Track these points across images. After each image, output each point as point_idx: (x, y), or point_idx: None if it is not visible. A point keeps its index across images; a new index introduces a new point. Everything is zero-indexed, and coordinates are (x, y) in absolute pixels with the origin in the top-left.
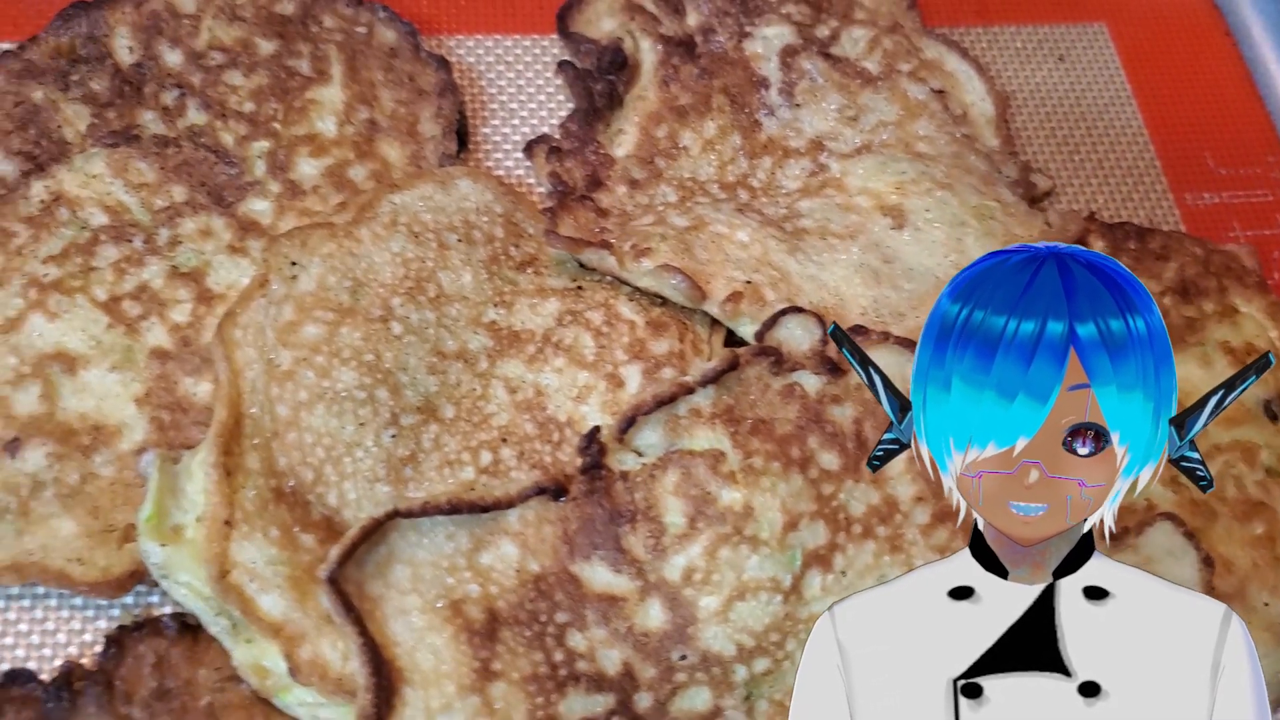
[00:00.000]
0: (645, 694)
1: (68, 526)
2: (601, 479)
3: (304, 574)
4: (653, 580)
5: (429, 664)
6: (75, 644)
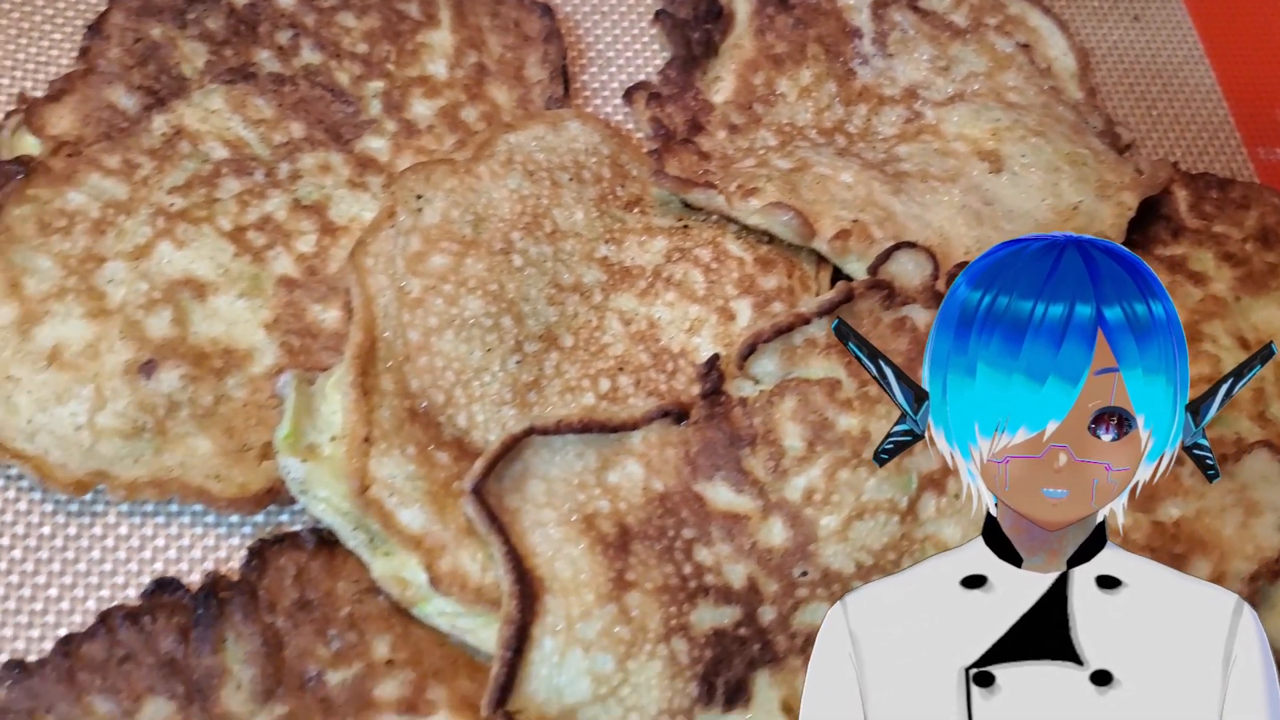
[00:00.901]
0: (769, 608)
1: (204, 445)
2: (721, 404)
3: (441, 489)
4: (774, 500)
5: (568, 574)
6: (210, 560)
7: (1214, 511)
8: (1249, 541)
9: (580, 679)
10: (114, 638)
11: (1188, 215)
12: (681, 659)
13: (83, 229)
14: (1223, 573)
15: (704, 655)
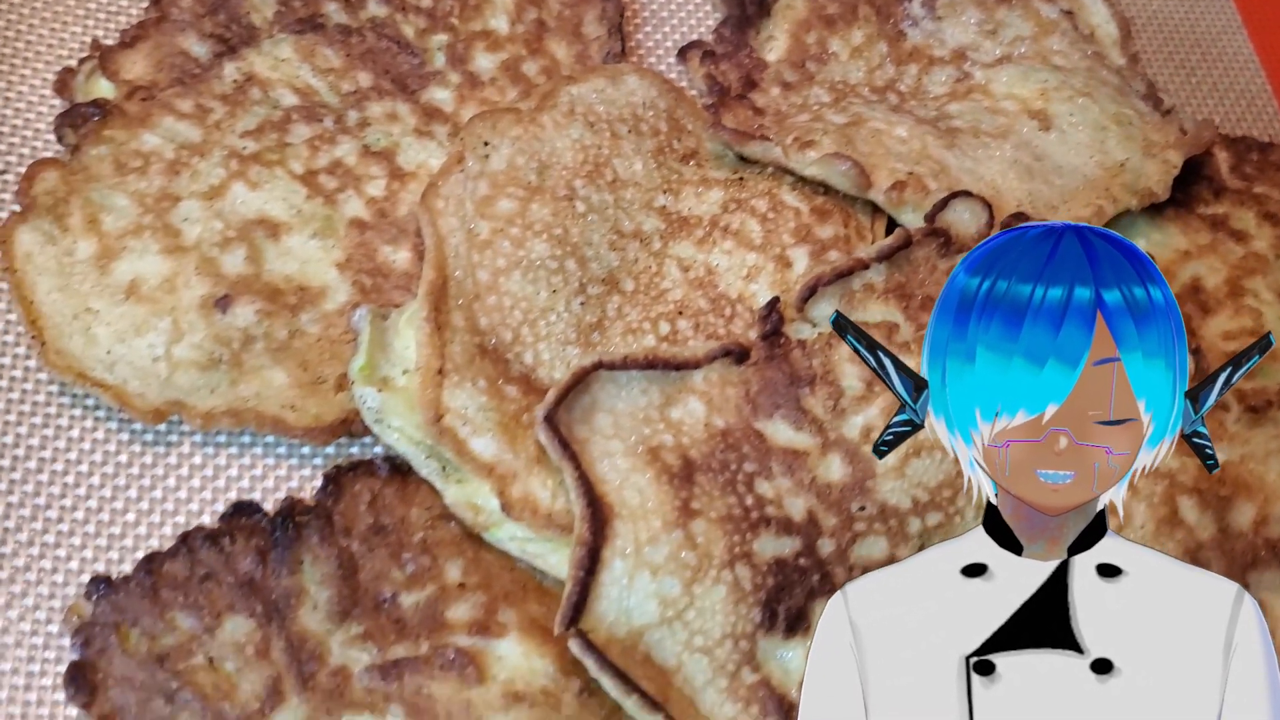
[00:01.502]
0: (828, 540)
1: (279, 377)
2: (781, 346)
3: (511, 420)
4: (833, 438)
5: (635, 501)
6: (283, 490)
7: (1258, 456)
8: None
9: (648, 601)
10: (195, 557)
11: (1229, 176)
12: (745, 585)
13: (158, 169)
14: (1266, 516)
15: (766, 583)
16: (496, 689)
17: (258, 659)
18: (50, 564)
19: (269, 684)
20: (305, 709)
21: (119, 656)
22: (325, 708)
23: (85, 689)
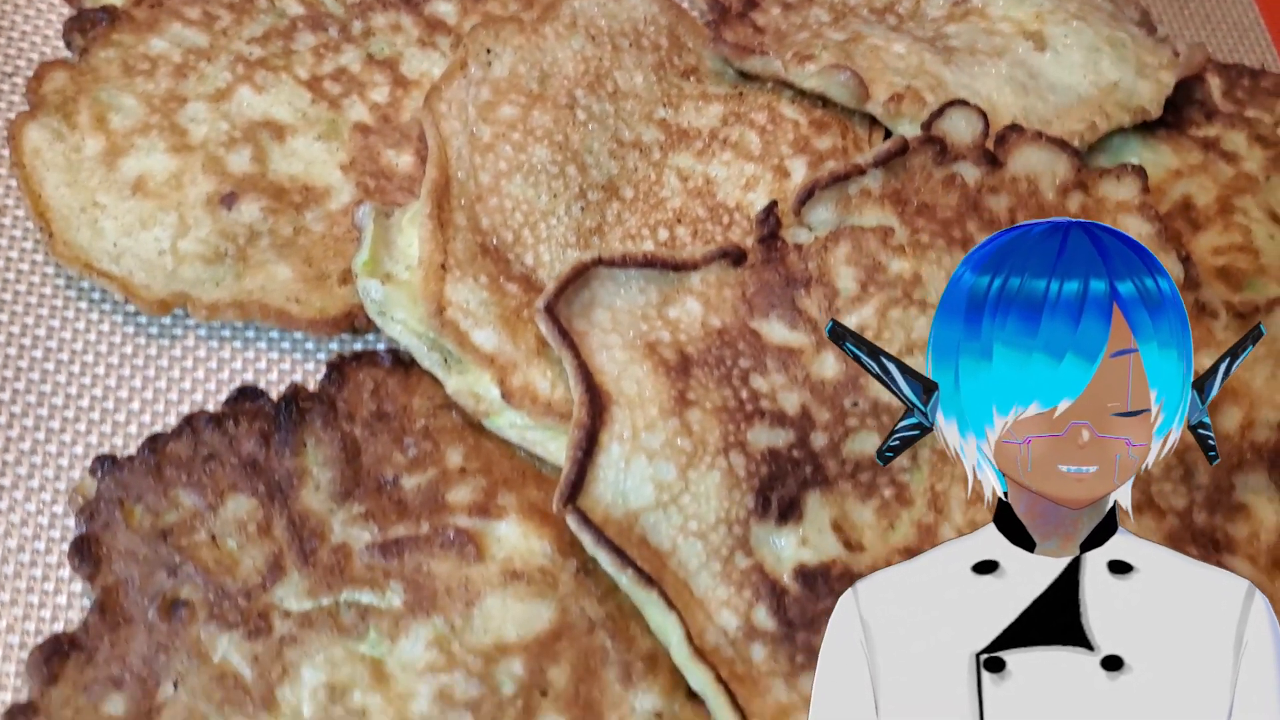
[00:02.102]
0: (821, 434)
1: (284, 271)
2: (777, 249)
3: (512, 314)
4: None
5: (633, 390)
6: (286, 382)
7: (1246, 364)
8: (1278, 391)
9: (644, 485)
10: (198, 438)
11: (1221, 101)
12: (739, 472)
13: (165, 72)
14: (1253, 420)
15: (760, 471)
16: (495, 567)
17: (259, 536)
18: (55, 448)
19: (270, 559)
20: (306, 583)
21: (123, 531)
22: (326, 583)
23: (89, 561)
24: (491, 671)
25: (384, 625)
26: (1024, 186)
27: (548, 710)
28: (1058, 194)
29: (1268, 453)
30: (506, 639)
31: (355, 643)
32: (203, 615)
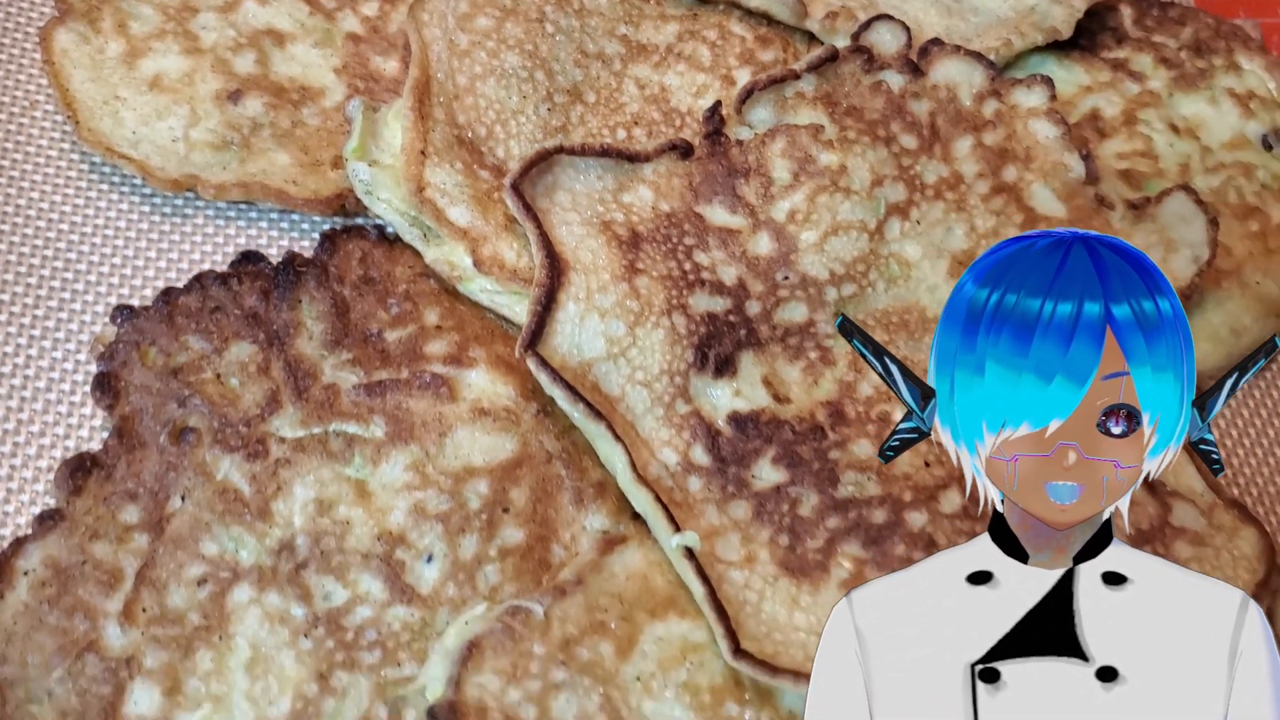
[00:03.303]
0: (755, 302)
1: (283, 158)
2: (721, 144)
3: (484, 195)
4: (762, 219)
5: (588, 258)
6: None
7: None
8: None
9: (596, 339)
10: (206, 293)
11: (1131, 28)
12: (680, 331)
13: None
14: None
15: (699, 330)
16: (465, 406)
17: (259, 375)
18: (80, 305)
19: (268, 395)
20: (299, 415)
21: (139, 369)
22: (317, 415)
23: (109, 394)
24: (460, 490)
25: (367, 452)
26: (943, 94)
27: (508, 524)
28: (974, 101)
29: None
30: (474, 464)
31: (342, 466)
32: (208, 440)
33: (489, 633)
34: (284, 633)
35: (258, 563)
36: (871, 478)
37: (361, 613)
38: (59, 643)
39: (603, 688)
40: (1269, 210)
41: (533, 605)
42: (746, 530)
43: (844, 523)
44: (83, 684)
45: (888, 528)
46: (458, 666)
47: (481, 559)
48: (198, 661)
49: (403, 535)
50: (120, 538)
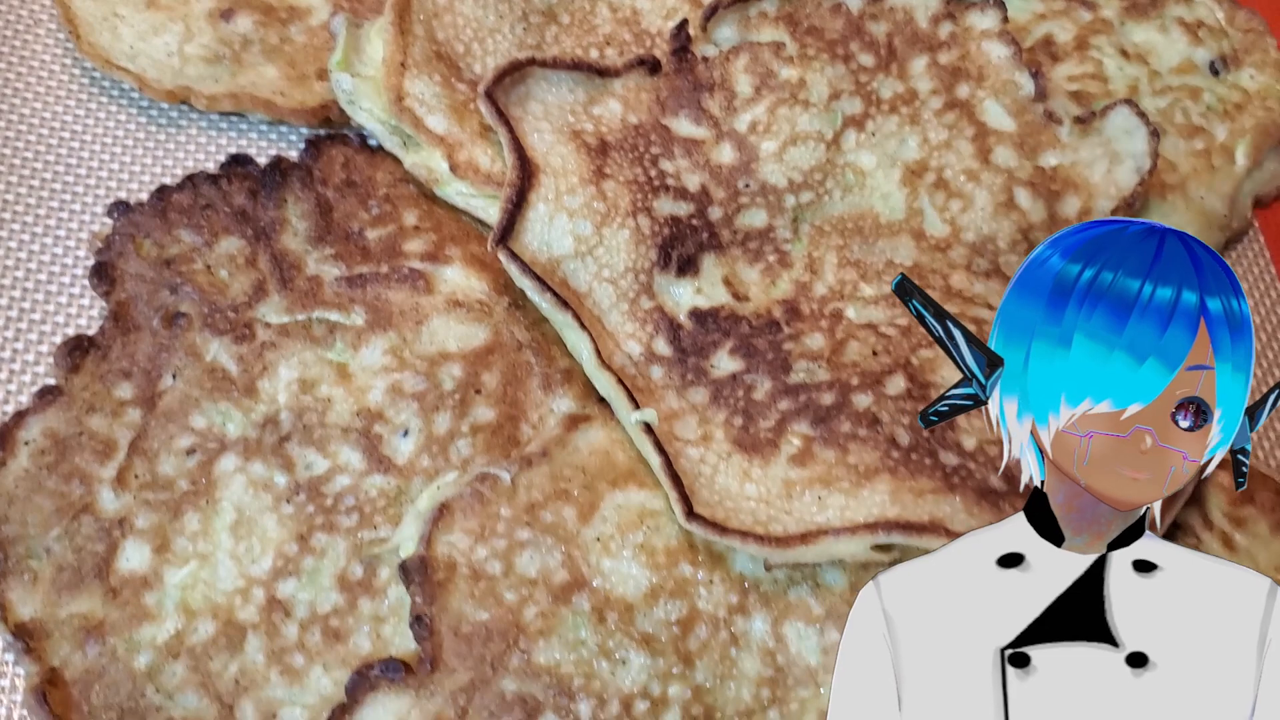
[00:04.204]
0: (717, 208)
1: (271, 71)
2: (687, 61)
3: (460, 106)
4: (725, 130)
5: (558, 162)
6: None
7: (1085, 161)
8: (1111, 184)
9: (565, 237)
10: (198, 191)
11: None
12: (645, 231)
13: None
14: (1089, 208)
15: (663, 232)
16: (441, 298)
17: (246, 267)
18: (79, 206)
19: (255, 284)
20: (284, 303)
21: (134, 259)
22: (301, 303)
23: (106, 281)
24: (435, 372)
25: (348, 338)
26: (900, 15)
27: (480, 404)
28: (930, 23)
29: None
30: (449, 350)
31: (324, 350)
32: (198, 324)
33: (459, 497)
34: (267, 498)
35: (243, 435)
36: (822, 365)
37: (340, 481)
38: (56, 505)
39: (564, 547)
40: (1214, 130)
41: (501, 472)
42: (704, 413)
43: (795, 405)
44: (78, 541)
45: (835, 408)
46: (429, 526)
47: (454, 434)
48: (185, 523)
49: (380, 412)
50: (115, 411)
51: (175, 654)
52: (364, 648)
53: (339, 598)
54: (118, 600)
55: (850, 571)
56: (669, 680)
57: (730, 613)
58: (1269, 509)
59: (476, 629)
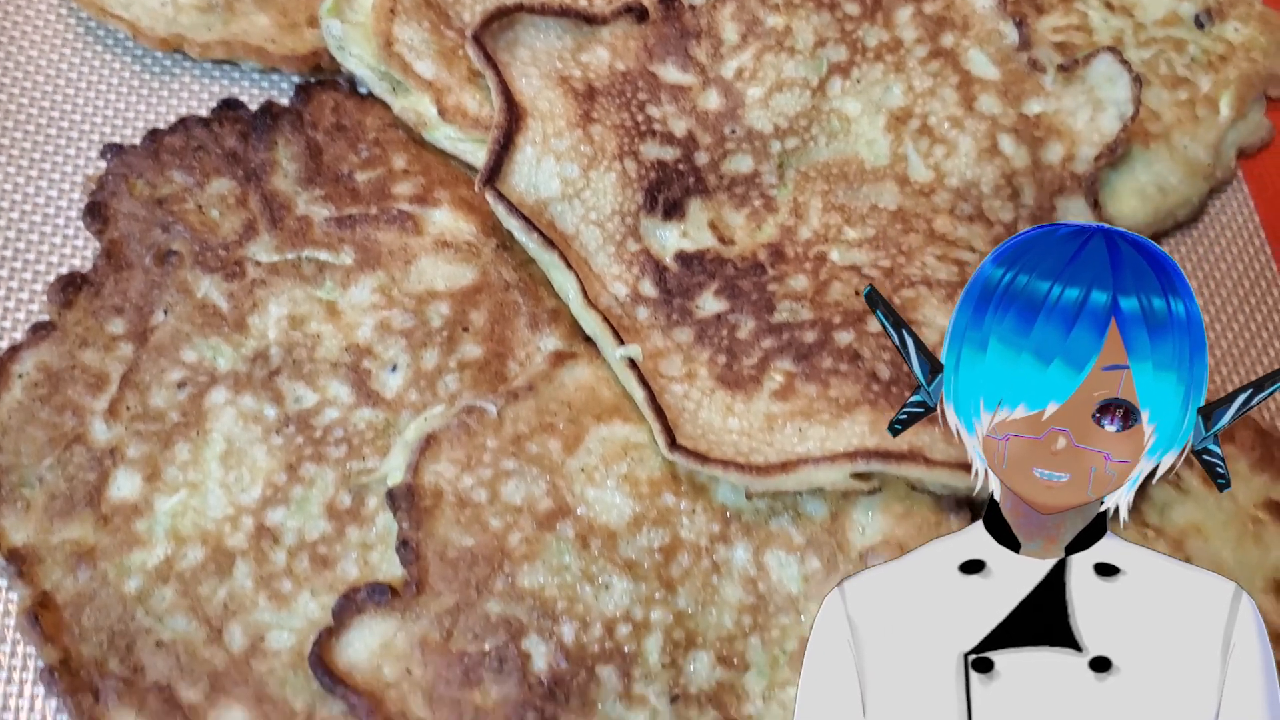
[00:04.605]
0: (703, 153)
1: (263, 20)
2: (675, 8)
3: (449, 52)
4: (712, 76)
5: (545, 106)
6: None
7: (1069, 109)
8: (1095, 131)
9: (552, 180)
10: (190, 134)
11: None
12: (631, 175)
13: None
14: (1073, 154)
15: (649, 176)
16: (429, 239)
17: (237, 207)
18: (74, 150)
19: (245, 224)
20: (274, 242)
21: (126, 199)
22: (291, 243)
23: (99, 220)
24: (423, 310)
25: (337, 276)
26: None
27: (467, 341)
28: None
29: (1085, 180)
30: (437, 288)
31: (313, 288)
32: (189, 262)
33: (446, 428)
34: (256, 430)
35: (234, 369)
36: (805, 305)
37: (329, 414)
38: (49, 435)
39: (549, 476)
40: (1198, 82)
41: (487, 405)
42: (688, 352)
43: (778, 343)
44: (70, 470)
45: (817, 345)
46: (416, 456)
47: (442, 369)
48: (176, 453)
49: (369, 347)
50: (107, 346)
51: (165, 579)
52: (351, 574)
53: (327, 526)
54: (109, 527)
55: (831, 501)
56: (651, 605)
57: (712, 541)
58: (1248, 447)
59: (462, 554)
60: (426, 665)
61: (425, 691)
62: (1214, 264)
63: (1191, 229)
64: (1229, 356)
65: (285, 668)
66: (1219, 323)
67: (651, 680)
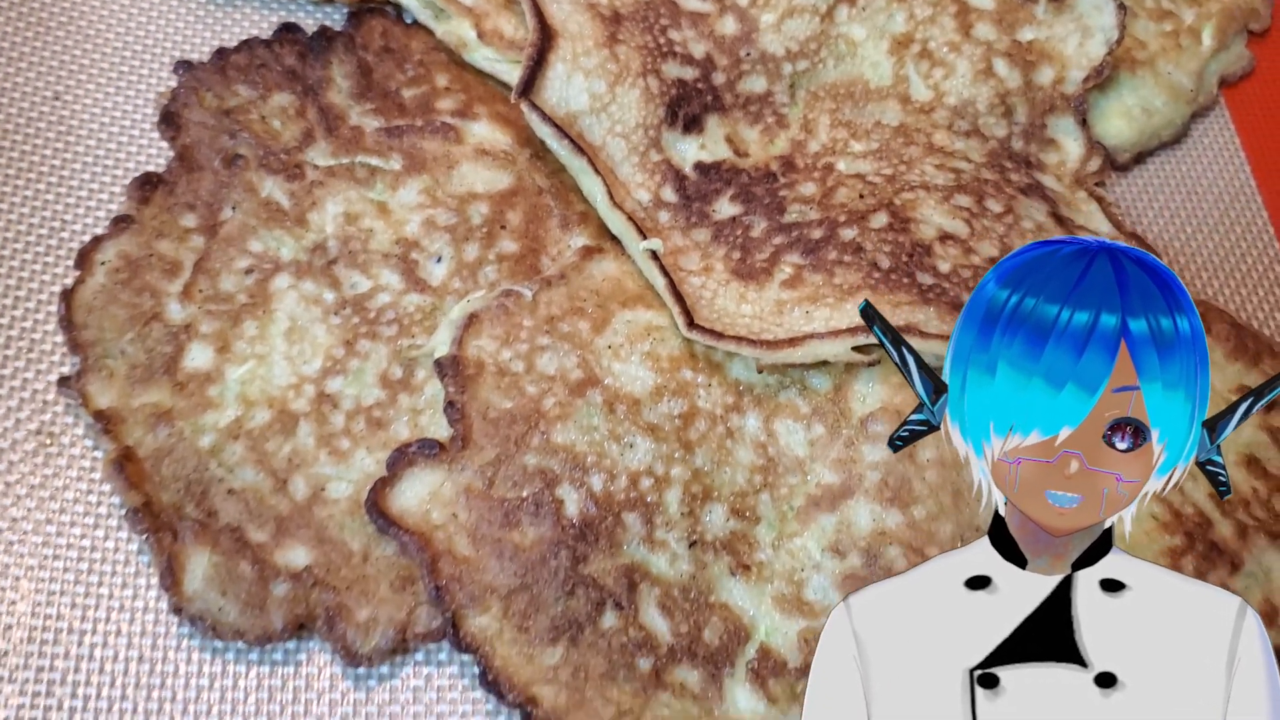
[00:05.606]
0: (720, 74)
1: None
2: None
3: None
4: (728, 4)
5: (575, 28)
6: None
7: (1059, 36)
8: (1083, 56)
9: (581, 94)
10: (253, 53)
11: None
12: (654, 91)
13: None
14: (1062, 77)
15: (671, 92)
16: (469, 147)
17: (296, 118)
18: (148, 71)
19: (304, 132)
20: (330, 148)
21: (197, 109)
22: (345, 149)
23: (172, 128)
24: (464, 208)
25: (387, 180)
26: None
27: (505, 238)
28: None
29: (1074, 101)
30: (476, 191)
31: (365, 190)
32: (254, 165)
33: (486, 308)
34: (316, 311)
35: (295, 258)
36: (813, 208)
37: (381, 298)
38: (129, 314)
39: (580, 352)
40: (1182, 14)
41: (523, 289)
42: (706, 249)
43: (787, 239)
44: (149, 344)
45: (823, 241)
46: (460, 331)
47: (482, 261)
48: (244, 329)
49: (417, 241)
50: (180, 238)
51: (235, 436)
52: (402, 434)
53: (381, 393)
54: (184, 392)
55: (834, 375)
56: (671, 463)
57: (727, 411)
58: (1223, 339)
59: (502, 414)
60: (470, 510)
61: (469, 533)
62: (1196, 180)
63: (1176, 149)
64: (1209, 265)
65: (343, 514)
66: (1201, 233)
67: (672, 527)
